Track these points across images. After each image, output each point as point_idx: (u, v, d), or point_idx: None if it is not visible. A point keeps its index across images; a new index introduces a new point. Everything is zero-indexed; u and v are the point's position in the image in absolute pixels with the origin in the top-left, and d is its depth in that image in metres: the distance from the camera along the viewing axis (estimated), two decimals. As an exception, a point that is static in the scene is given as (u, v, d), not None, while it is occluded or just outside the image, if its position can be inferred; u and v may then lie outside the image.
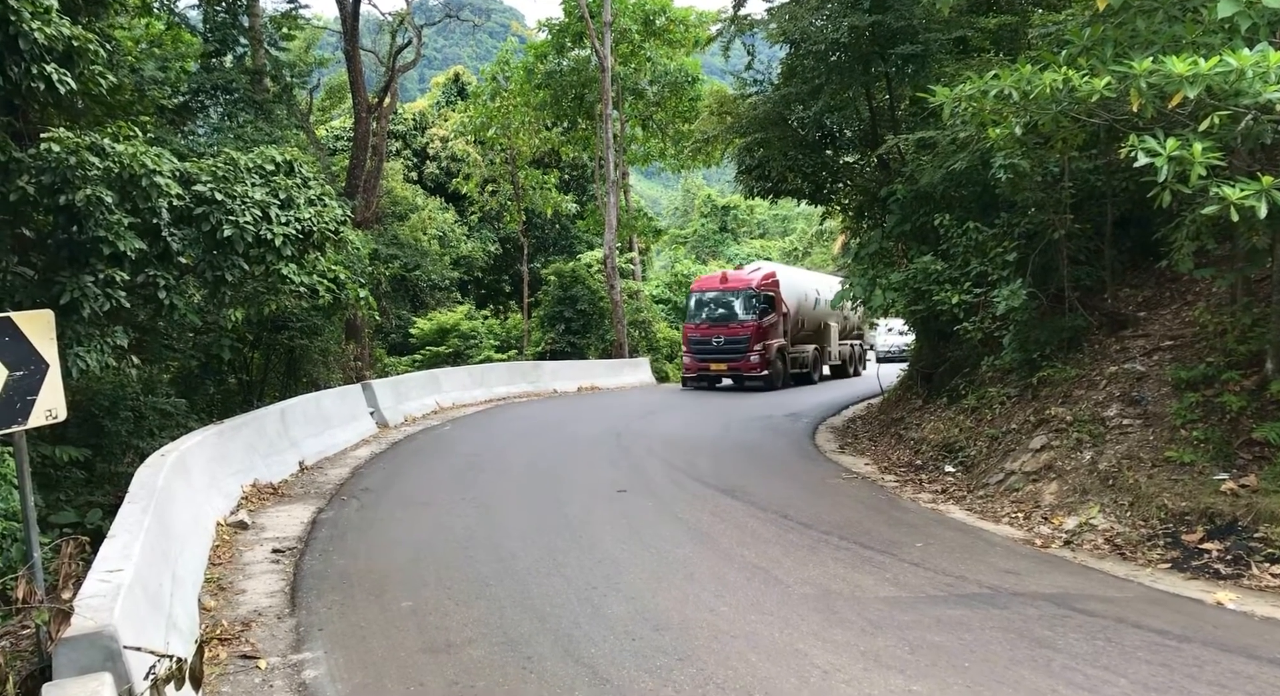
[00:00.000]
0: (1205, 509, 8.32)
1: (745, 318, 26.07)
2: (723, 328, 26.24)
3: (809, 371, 29.10)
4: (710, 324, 26.52)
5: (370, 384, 18.95)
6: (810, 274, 33.62)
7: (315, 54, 32.95)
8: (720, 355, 26.18)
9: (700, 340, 26.68)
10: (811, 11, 16.26)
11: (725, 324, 26.23)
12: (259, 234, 11.32)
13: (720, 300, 26.80)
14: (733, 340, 26.04)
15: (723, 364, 26.15)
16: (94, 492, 10.85)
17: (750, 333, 25.85)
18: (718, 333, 26.30)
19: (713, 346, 26.36)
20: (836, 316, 31.32)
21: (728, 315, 26.34)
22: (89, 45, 9.65)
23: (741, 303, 26.34)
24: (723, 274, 27.99)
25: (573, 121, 37.36)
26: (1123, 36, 8.37)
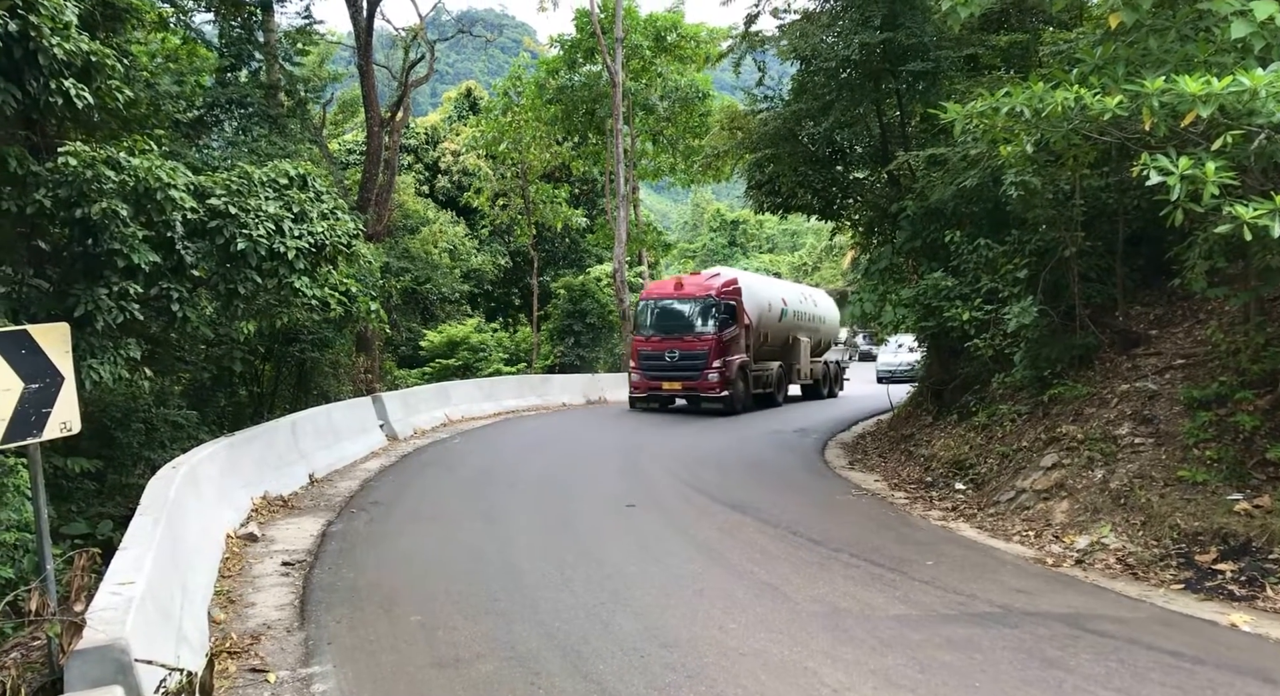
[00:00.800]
0: (1219, 529, 8.27)
1: (703, 330, 22.67)
2: (677, 341, 22.79)
3: (772, 391, 25.64)
4: (663, 336, 23.09)
5: (380, 396, 19.00)
6: (776, 281, 30.17)
7: (329, 69, 33.21)
8: (674, 372, 22.85)
9: (651, 355, 23.25)
10: (823, 29, 16.33)
11: (680, 337, 22.80)
12: (272, 247, 11.39)
13: (675, 310, 23.45)
14: (689, 356, 22.60)
15: (676, 382, 22.84)
16: (105, 504, 10.89)
17: (709, 347, 22.36)
18: (671, 346, 22.85)
19: (665, 362, 22.96)
20: (807, 329, 28.52)
21: (683, 327, 22.99)
22: (107, 60, 9.75)
23: (699, 313, 22.95)
24: (677, 279, 24.32)
25: (583, 136, 37.53)
26: (1135, 55, 8.39)
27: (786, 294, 27.80)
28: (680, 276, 25.43)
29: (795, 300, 28.09)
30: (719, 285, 23.43)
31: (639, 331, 23.83)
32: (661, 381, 23.07)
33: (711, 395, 22.48)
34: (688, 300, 23.23)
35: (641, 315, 24.08)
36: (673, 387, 22.99)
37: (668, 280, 25.54)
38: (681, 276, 25.41)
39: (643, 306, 24.16)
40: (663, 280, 26.96)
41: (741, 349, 23.45)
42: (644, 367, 23.34)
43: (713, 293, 23.00)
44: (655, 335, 23.26)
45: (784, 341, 26.97)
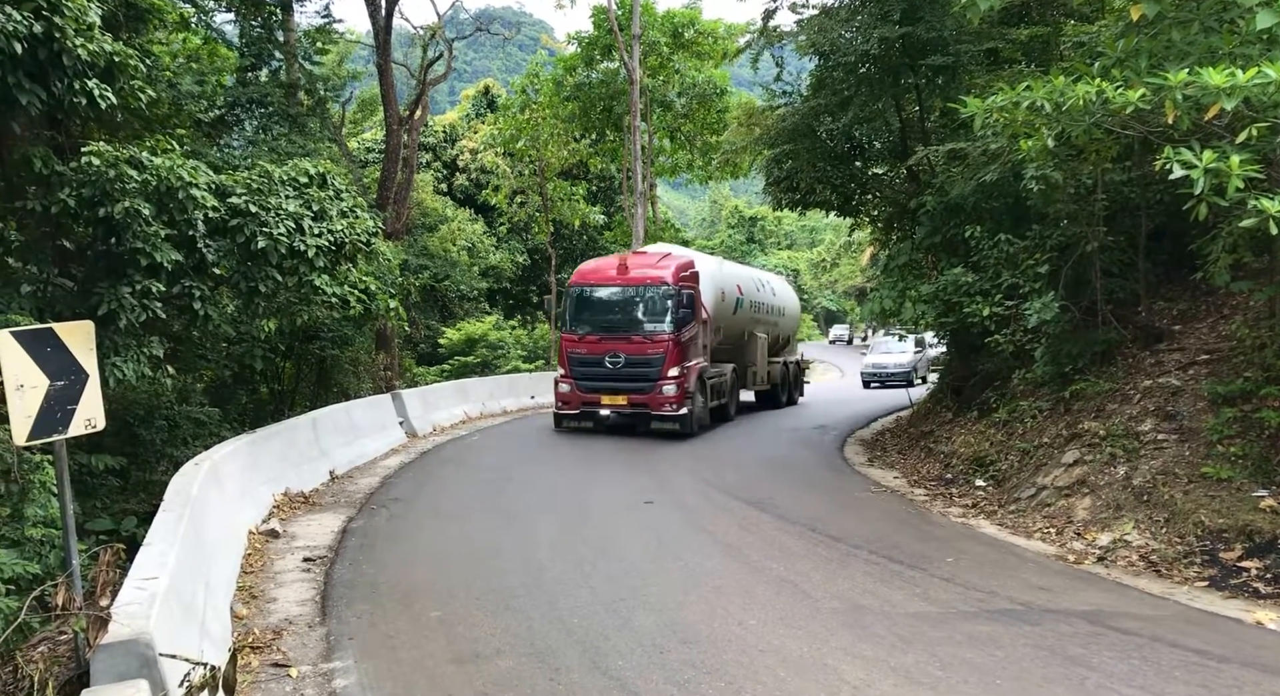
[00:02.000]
0: (1244, 526, 8.18)
1: (656, 328, 17.18)
2: (621, 341, 17.31)
3: (725, 402, 20.43)
4: (602, 335, 17.55)
5: (400, 394, 19.09)
6: (727, 263, 24.06)
7: (348, 68, 33.38)
8: (617, 383, 17.29)
9: (586, 360, 17.58)
10: (841, 23, 16.25)
11: (626, 336, 17.31)
12: (292, 245, 11.46)
13: (618, 300, 17.85)
14: (637, 361, 17.13)
15: (619, 396, 17.31)
16: (129, 500, 11.00)
17: (664, 351, 16.94)
18: (613, 348, 17.31)
19: (605, 370, 17.36)
20: (765, 323, 23.60)
21: (629, 323, 17.49)
22: (129, 61, 9.84)
23: (651, 305, 17.45)
24: (620, 259, 18.50)
25: (601, 133, 37.54)
26: (1157, 48, 8.30)
27: (741, 279, 22.40)
28: (623, 256, 18.91)
29: (751, 288, 22.91)
30: (675, 269, 17.87)
31: (569, 327, 18.00)
32: (600, 394, 17.41)
33: (665, 413, 17.08)
34: (635, 288, 17.60)
35: (572, 306, 18.12)
36: (614, 403, 17.41)
37: (606, 260, 19.48)
38: (625, 256, 18.93)
39: (574, 294, 18.19)
40: (599, 260, 20.15)
41: (700, 351, 18.41)
42: (577, 376, 17.68)
43: (668, 279, 17.43)
44: (591, 333, 17.61)
45: (738, 338, 21.81)
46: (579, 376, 17.64)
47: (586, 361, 17.52)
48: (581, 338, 17.65)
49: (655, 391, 17.02)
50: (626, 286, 17.75)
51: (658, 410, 17.05)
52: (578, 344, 17.70)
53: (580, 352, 17.60)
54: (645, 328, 17.28)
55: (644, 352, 17.07)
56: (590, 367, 17.51)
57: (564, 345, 18.01)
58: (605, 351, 17.35)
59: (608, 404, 17.45)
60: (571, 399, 17.79)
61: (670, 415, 17.05)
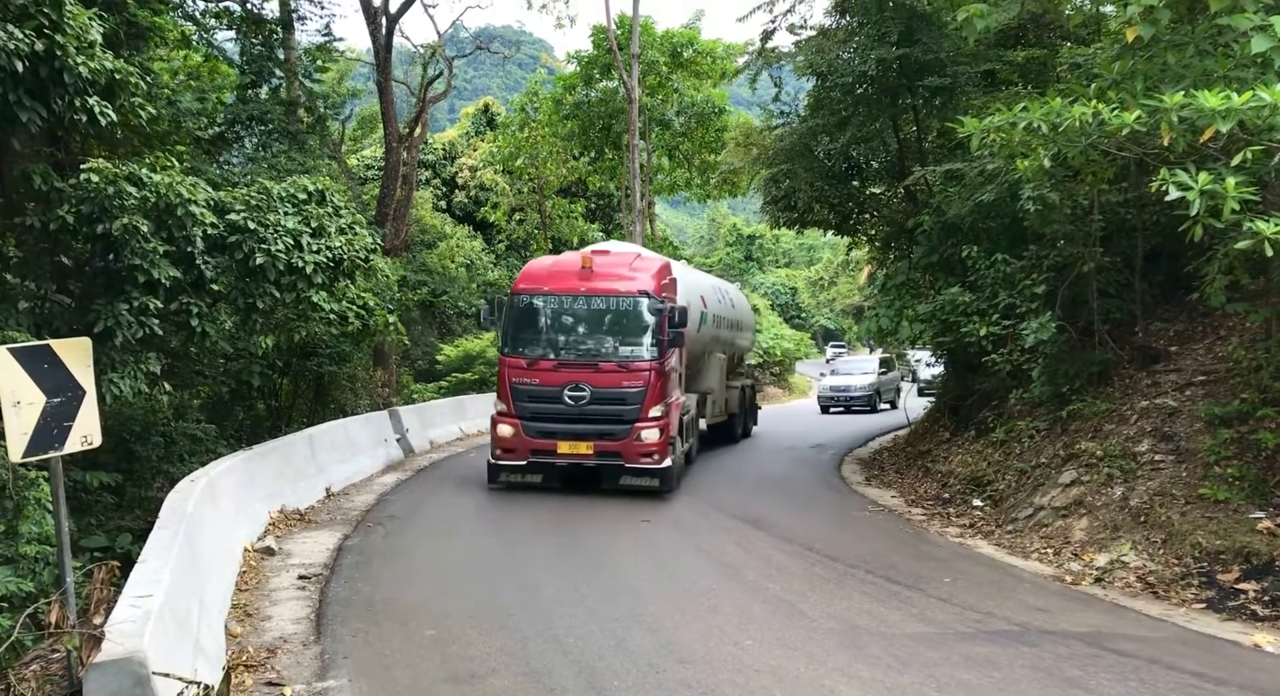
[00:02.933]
0: (1241, 548, 8.17)
1: (634, 353, 13.13)
2: (587, 369, 13.13)
3: (690, 443, 16.15)
4: (559, 361, 13.28)
5: (397, 410, 19.06)
6: (690, 269, 20.92)
7: (348, 85, 33.54)
8: (580, 425, 13.02)
9: (538, 393, 13.20)
10: (839, 44, 16.37)
11: (593, 363, 13.15)
12: (290, 262, 11.48)
13: (583, 315, 13.50)
14: (609, 397, 13.00)
15: (584, 443, 12.96)
16: (124, 517, 10.94)
17: (644, 383, 12.98)
18: (576, 377, 13.11)
19: (565, 407, 13.04)
20: (724, 342, 19.42)
21: (597, 345, 13.31)
22: (130, 78, 9.87)
23: (629, 322, 13.31)
24: (584, 258, 14.08)
25: (600, 151, 37.68)
26: (1153, 70, 8.36)
27: (704, 289, 18.58)
28: (585, 253, 14.49)
29: (714, 299, 18.99)
30: (655, 274, 13.81)
31: (512, 348, 13.42)
32: (555, 440, 12.94)
33: (643, 465, 12.91)
34: (607, 299, 13.35)
35: (517, 319, 13.53)
36: (575, 451, 12.94)
37: (564, 260, 14.79)
38: (587, 253, 14.49)
39: (521, 305, 13.56)
40: (554, 259, 15.22)
41: (679, 382, 14.89)
42: (525, 415, 13.08)
43: (650, 288, 13.34)
44: (545, 358, 13.24)
45: (696, 361, 17.42)
46: (527, 415, 12.98)
47: (538, 395, 13.03)
48: (531, 364, 13.10)
49: (631, 437, 12.71)
50: (594, 296, 13.24)
51: (633, 461, 12.85)
52: (526, 372, 13.11)
53: (529, 384, 13.09)
54: (620, 352, 13.07)
55: (617, 386, 12.87)
56: (543, 404, 12.95)
57: (505, 372, 13.28)
58: (564, 382, 12.90)
59: (566, 453, 12.83)
60: (516, 445, 13.01)
61: (649, 468, 12.92)
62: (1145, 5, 7.60)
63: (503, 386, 13.41)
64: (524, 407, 13.13)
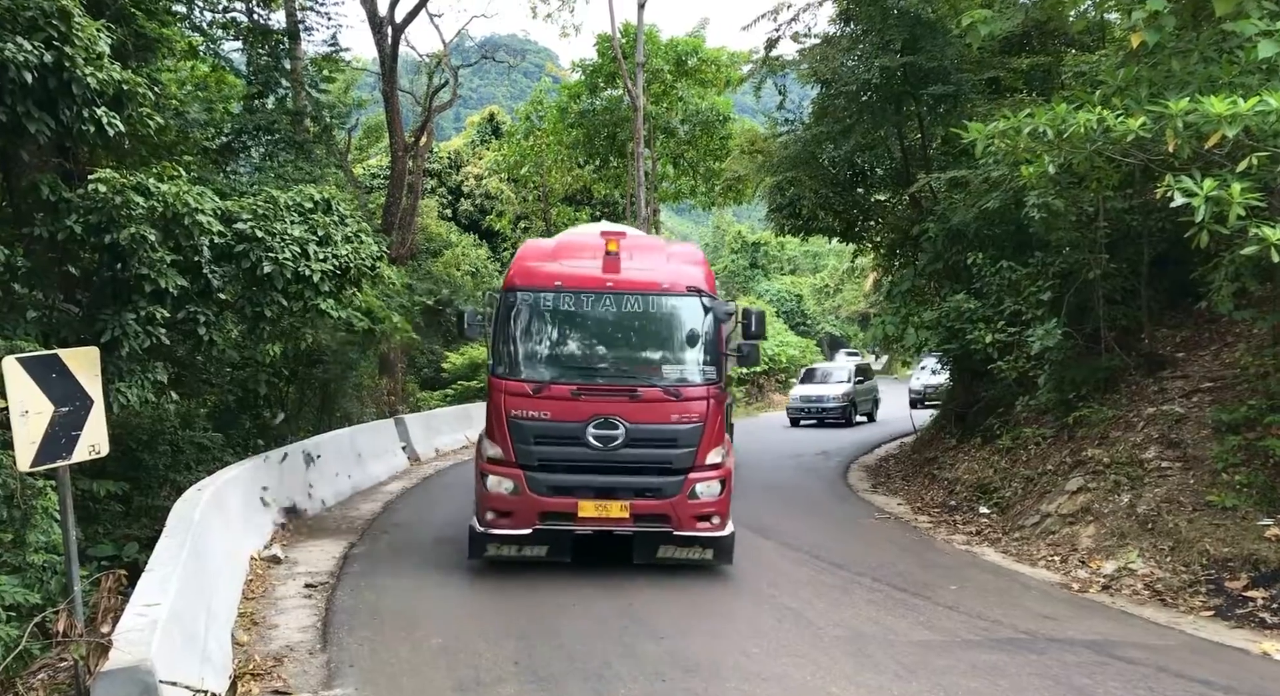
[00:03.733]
0: (1249, 555, 8.14)
1: (685, 373, 9.39)
2: (622, 397, 9.08)
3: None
4: (584, 385, 9.14)
5: (403, 418, 19.09)
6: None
7: (354, 95, 33.62)
8: (611, 477, 9.04)
9: (550, 431, 9.07)
10: (843, 52, 16.40)
11: (629, 388, 9.14)
12: (298, 270, 11.51)
13: (615, 319, 9.48)
14: (652, 436, 9.05)
15: (620, 503, 8.97)
16: (131, 526, 10.96)
17: (700, 416, 9.11)
18: (607, 409, 9.02)
19: (593, 451, 9.00)
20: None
21: (633, 362, 9.50)
22: (138, 89, 9.92)
23: (674, 331, 9.57)
24: (608, 240, 9.49)
25: (605, 159, 37.73)
26: (1158, 77, 8.38)
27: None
28: (609, 232, 9.91)
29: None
30: (699, 262, 9.98)
31: (510, 367, 9.36)
32: (575, 498, 9.03)
33: (697, 532, 9.11)
34: (643, 297, 9.42)
35: (520, 327, 9.50)
36: (607, 515, 9.07)
37: (573, 240, 10.53)
38: (611, 232, 9.93)
39: (519, 307, 9.45)
40: (555, 241, 10.63)
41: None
42: (531, 463, 9.10)
43: (701, 283, 9.51)
44: (560, 381, 9.19)
45: None
46: (534, 464, 8.94)
47: (551, 435, 8.95)
48: (540, 390, 8.98)
49: (683, 493, 8.85)
50: (627, 294, 9.23)
51: (685, 527, 8.91)
52: (533, 402, 8.98)
53: (538, 419, 8.97)
54: (666, 372, 9.24)
55: (664, 420, 8.95)
56: (558, 447, 8.94)
57: (501, 402, 9.10)
58: (588, 417, 8.88)
59: (591, 517, 8.92)
60: (517, 507, 8.94)
61: (705, 536, 8.99)
62: (1150, 11, 7.61)
63: (497, 422, 9.00)
64: (529, 453, 8.86)
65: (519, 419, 8.98)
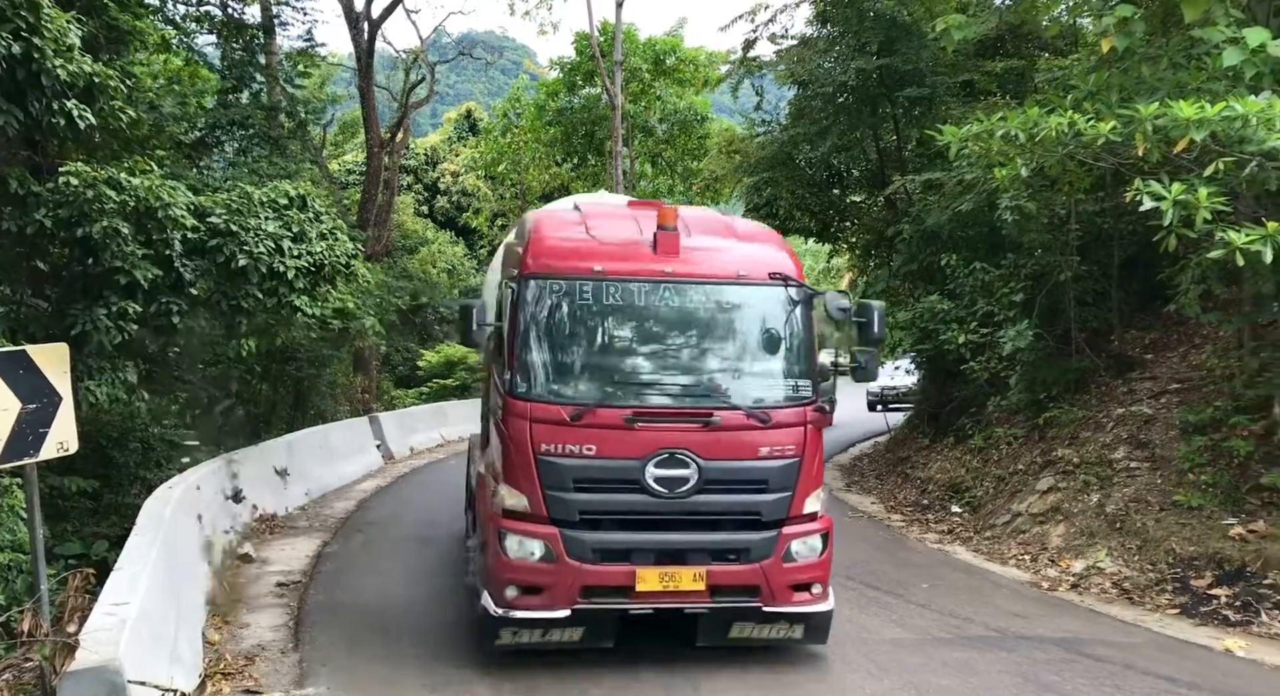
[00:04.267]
0: (1214, 554, 8.27)
1: (773, 390, 6.72)
2: (691, 425, 6.38)
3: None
4: (641, 409, 6.40)
5: (377, 416, 18.99)
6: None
7: (329, 90, 33.37)
8: (685, 535, 6.43)
9: (602, 473, 6.33)
10: (820, 54, 16.50)
11: (701, 412, 6.43)
12: (272, 266, 11.42)
13: (676, 318, 6.74)
14: (734, 477, 6.46)
15: (693, 571, 6.34)
16: (100, 524, 10.82)
17: (797, 446, 6.54)
18: (672, 441, 6.33)
19: (655, 500, 6.30)
20: None
21: (706, 378, 6.74)
22: (110, 82, 9.79)
23: (762, 332, 6.81)
24: (662, 213, 6.75)
25: (583, 157, 37.70)
26: (1128, 82, 8.49)
27: None
28: (664, 205, 7.19)
29: None
30: (779, 243, 7.46)
31: (535, 385, 6.48)
32: (632, 565, 6.33)
33: (791, 607, 6.53)
34: (713, 288, 6.76)
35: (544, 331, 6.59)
36: (675, 587, 6.35)
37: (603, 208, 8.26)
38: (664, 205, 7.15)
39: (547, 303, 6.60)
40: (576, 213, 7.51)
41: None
42: (570, 517, 6.34)
43: (789, 267, 6.95)
44: (608, 403, 6.41)
45: None
46: (573, 518, 6.40)
47: (596, 477, 6.43)
48: (580, 417, 6.39)
49: (776, 554, 6.54)
50: (692, 285, 6.78)
51: (779, 601, 6.52)
52: (572, 432, 6.39)
53: (578, 454, 6.40)
54: (747, 389, 6.75)
55: (750, 455, 6.55)
56: (607, 493, 6.45)
57: (524, 433, 6.41)
58: (648, 452, 6.37)
59: (654, 591, 6.39)
60: (553, 580, 6.31)
61: (800, 612, 6.63)
62: (1119, 17, 7.72)
63: (519, 461, 6.37)
64: (567, 503, 6.30)
65: (553, 456, 6.25)
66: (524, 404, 6.36)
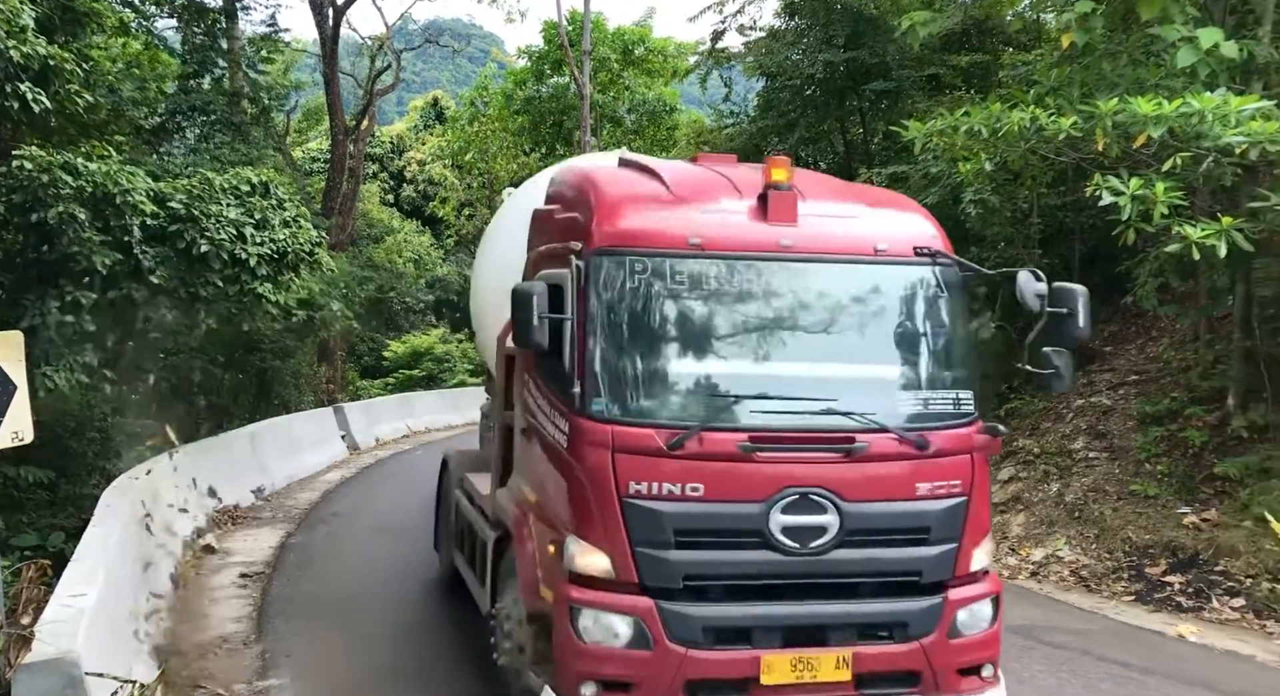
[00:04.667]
0: (1168, 542, 8.45)
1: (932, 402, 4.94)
2: (829, 454, 4.57)
3: None
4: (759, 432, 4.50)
5: (342, 407, 18.84)
6: None
7: (293, 76, 32.90)
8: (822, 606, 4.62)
9: (721, 525, 4.49)
10: (788, 46, 16.55)
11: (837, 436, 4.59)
12: (233, 252, 11.27)
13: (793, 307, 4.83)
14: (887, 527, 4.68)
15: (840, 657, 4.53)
16: (57, 515, 10.64)
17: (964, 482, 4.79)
18: (803, 475, 4.51)
19: (781, 557, 4.47)
20: None
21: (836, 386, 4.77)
22: (65, 65, 9.60)
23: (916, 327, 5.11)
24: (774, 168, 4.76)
25: (551, 147, 37.53)
26: (1089, 78, 8.61)
27: None
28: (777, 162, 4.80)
29: None
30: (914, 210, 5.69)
31: (622, 399, 4.59)
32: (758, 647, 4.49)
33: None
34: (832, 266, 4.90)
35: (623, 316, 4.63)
36: (815, 679, 4.51)
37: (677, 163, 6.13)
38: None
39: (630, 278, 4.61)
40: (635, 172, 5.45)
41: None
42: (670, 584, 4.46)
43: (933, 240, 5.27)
44: (718, 424, 4.53)
45: None
46: (680, 586, 4.47)
47: (705, 527, 4.51)
48: (682, 443, 4.43)
49: (940, 629, 4.70)
50: (811, 263, 4.86)
51: (946, 689, 4.72)
52: (670, 467, 4.46)
53: (681, 497, 4.46)
54: (897, 403, 4.93)
55: (906, 493, 4.71)
56: (720, 550, 4.56)
57: (604, 466, 4.47)
58: (772, 492, 4.47)
59: (786, 684, 4.49)
60: (649, 670, 4.40)
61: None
62: (1080, 13, 7.82)
63: (598, 503, 4.54)
64: (664, 564, 4.51)
65: (645, 499, 4.48)
66: (603, 427, 4.44)
